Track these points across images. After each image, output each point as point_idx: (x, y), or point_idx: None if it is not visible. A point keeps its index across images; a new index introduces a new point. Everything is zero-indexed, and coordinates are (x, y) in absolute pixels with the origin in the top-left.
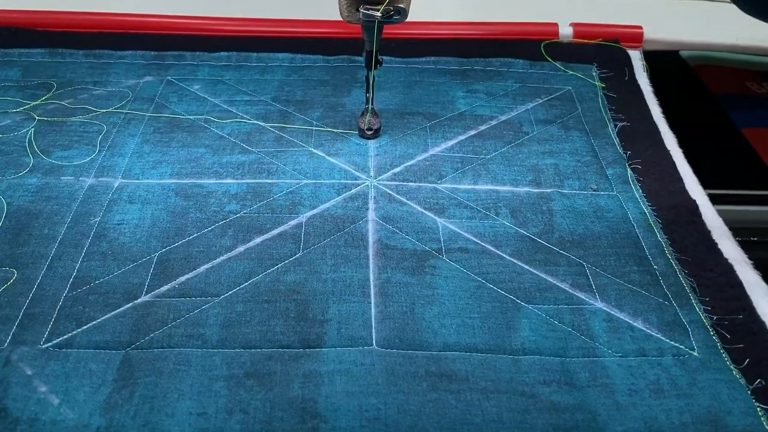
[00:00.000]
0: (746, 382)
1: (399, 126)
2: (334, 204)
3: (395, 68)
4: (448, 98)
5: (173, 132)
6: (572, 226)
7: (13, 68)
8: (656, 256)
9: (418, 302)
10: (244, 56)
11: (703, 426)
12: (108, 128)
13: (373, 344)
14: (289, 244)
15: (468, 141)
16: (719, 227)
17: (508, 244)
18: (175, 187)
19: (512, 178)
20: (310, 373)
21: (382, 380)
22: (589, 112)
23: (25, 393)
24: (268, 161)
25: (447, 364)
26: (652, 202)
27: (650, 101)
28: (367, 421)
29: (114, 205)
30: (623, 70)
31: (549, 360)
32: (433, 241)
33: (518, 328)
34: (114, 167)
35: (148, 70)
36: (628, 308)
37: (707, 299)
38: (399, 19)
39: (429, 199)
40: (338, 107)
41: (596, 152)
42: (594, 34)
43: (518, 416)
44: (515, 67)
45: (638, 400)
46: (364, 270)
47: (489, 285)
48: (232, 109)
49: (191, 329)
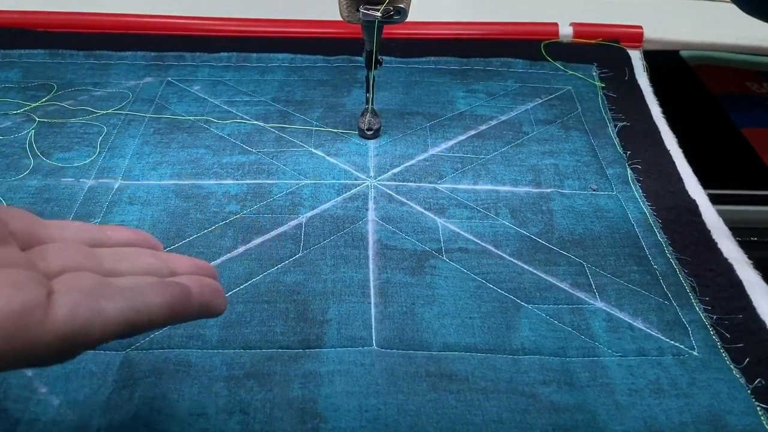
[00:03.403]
0: (746, 382)
1: (399, 126)
2: (334, 204)
3: (395, 68)
4: (448, 98)
5: (173, 133)
6: (572, 226)
7: (13, 69)
8: (656, 255)
9: (418, 302)
10: (244, 57)
11: (703, 425)
12: (108, 129)
13: (373, 344)
14: (289, 244)
15: (468, 141)
16: (719, 227)
17: (508, 244)
18: (175, 188)
19: (512, 178)
20: (310, 373)
21: (382, 380)
22: (589, 112)
23: (25, 394)
24: (268, 162)
25: (447, 364)
26: (652, 202)
27: (650, 101)
28: (367, 421)
29: (114, 207)
30: (623, 70)
31: (549, 360)
32: (433, 241)
33: (518, 328)
34: (114, 168)
35: (148, 70)
36: (628, 308)
37: (707, 299)
38: (399, 19)
39: (429, 199)
40: (338, 107)
41: (596, 152)
42: (594, 34)
43: (518, 416)
44: (515, 67)
45: (638, 399)
46: (364, 270)
47: (489, 285)
48: (232, 109)
49: (191, 330)
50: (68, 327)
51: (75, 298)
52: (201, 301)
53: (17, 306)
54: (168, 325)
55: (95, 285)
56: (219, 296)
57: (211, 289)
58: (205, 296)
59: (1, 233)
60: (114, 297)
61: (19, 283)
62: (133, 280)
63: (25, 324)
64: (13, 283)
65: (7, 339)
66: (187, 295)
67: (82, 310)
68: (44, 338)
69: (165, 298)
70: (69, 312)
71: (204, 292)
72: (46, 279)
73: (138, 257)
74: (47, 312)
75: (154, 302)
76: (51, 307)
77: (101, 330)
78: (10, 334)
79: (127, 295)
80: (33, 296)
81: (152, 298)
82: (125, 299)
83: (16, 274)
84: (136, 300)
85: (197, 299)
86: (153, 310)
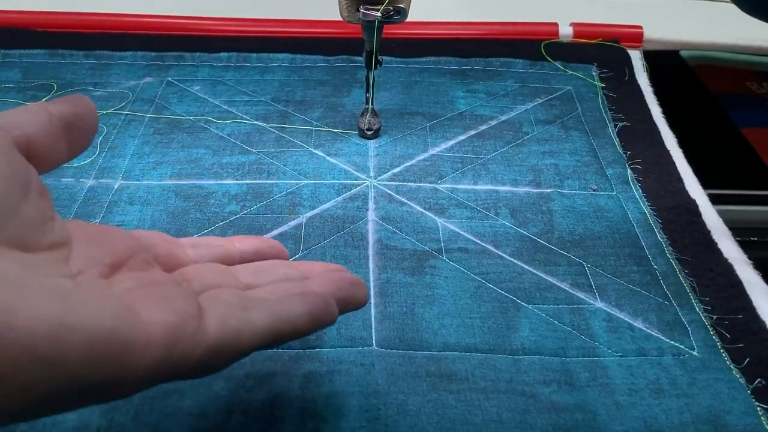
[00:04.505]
0: (746, 382)
1: (399, 126)
2: (334, 204)
3: (395, 68)
4: (448, 98)
5: (173, 133)
6: (572, 226)
7: (13, 69)
8: (656, 256)
9: (418, 302)
10: (244, 57)
11: (703, 425)
12: (108, 129)
13: (373, 344)
14: (289, 244)
15: (468, 141)
16: (719, 227)
17: (508, 244)
18: (175, 188)
19: (512, 178)
20: (310, 373)
21: (382, 380)
22: (589, 112)
23: None
24: (268, 162)
25: (447, 364)
26: (652, 202)
27: (650, 101)
28: (367, 421)
29: (114, 207)
30: (623, 70)
31: (549, 360)
32: (433, 241)
33: (518, 328)
34: (114, 168)
35: (149, 71)
36: (628, 308)
37: (707, 299)
38: (399, 19)
39: (429, 199)
40: (338, 107)
41: (596, 152)
42: (594, 34)
43: (518, 416)
44: (515, 67)
45: (638, 399)
46: (364, 270)
47: (489, 285)
48: (232, 109)
49: None
50: (220, 338)
51: (224, 310)
52: (340, 297)
53: (172, 318)
54: (311, 333)
55: (239, 298)
56: (358, 288)
57: (348, 282)
58: (343, 291)
59: (146, 258)
60: (259, 308)
61: (171, 297)
62: (274, 291)
63: (180, 336)
64: (165, 298)
65: (163, 351)
66: (327, 303)
67: (232, 321)
68: (198, 349)
69: (306, 307)
70: (220, 323)
71: (342, 287)
72: (194, 294)
73: (273, 269)
74: (200, 323)
75: (297, 311)
76: (202, 319)
77: (250, 339)
78: (166, 346)
79: (271, 305)
80: (186, 308)
81: (295, 308)
82: (270, 310)
83: (168, 289)
84: (281, 310)
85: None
86: (296, 320)
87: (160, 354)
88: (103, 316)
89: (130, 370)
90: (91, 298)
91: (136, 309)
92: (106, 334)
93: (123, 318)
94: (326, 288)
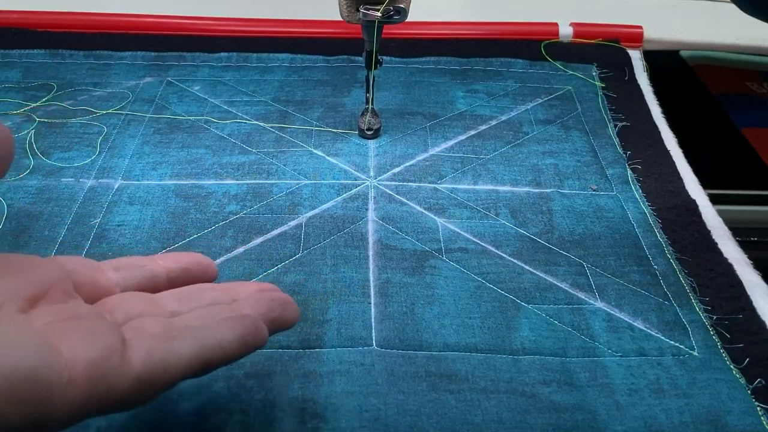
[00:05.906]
0: (746, 382)
1: (399, 126)
2: (334, 204)
3: (395, 68)
4: (448, 98)
5: (173, 133)
6: (572, 226)
7: (13, 69)
8: (656, 256)
9: (418, 302)
10: (244, 57)
11: (703, 425)
12: (108, 129)
13: (373, 344)
14: (289, 244)
15: (468, 141)
16: (719, 227)
17: (508, 244)
18: (175, 188)
19: (512, 178)
20: (310, 373)
21: (382, 380)
22: (589, 112)
23: None
24: (268, 162)
25: (447, 364)
26: (652, 202)
27: (650, 101)
28: (367, 421)
29: (114, 207)
30: (623, 70)
31: (549, 360)
32: (432, 242)
33: (518, 328)
34: (114, 168)
35: (148, 71)
36: (627, 308)
37: (707, 299)
38: (399, 19)
39: (429, 199)
40: (338, 107)
41: (596, 152)
42: (594, 34)
43: (518, 416)
44: (515, 67)
45: (638, 399)
46: (364, 270)
47: (489, 285)
48: (232, 109)
49: None
50: (145, 370)
51: (148, 342)
52: (270, 318)
53: (94, 353)
54: (242, 356)
55: (163, 328)
56: (288, 308)
57: (278, 303)
58: (273, 312)
59: (65, 288)
60: (184, 336)
61: (93, 331)
62: (200, 317)
63: (103, 371)
64: (87, 332)
65: (87, 388)
66: (257, 326)
67: (157, 352)
68: (123, 382)
69: (235, 332)
70: (144, 355)
71: (272, 308)
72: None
73: (200, 293)
74: (123, 357)
75: (226, 338)
76: (126, 353)
77: (177, 369)
78: (90, 382)
79: (198, 333)
80: (108, 342)
81: (223, 334)
82: (196, 338)
83: (89, 323)
84: (207, 337)
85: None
86: (225, 346)
87: (84, 390)
88: (22, 356)
89: (54, 409)
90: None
91: (58, 345)
92: (27, 373)
93: (44, 356)
94: (256, 310)
